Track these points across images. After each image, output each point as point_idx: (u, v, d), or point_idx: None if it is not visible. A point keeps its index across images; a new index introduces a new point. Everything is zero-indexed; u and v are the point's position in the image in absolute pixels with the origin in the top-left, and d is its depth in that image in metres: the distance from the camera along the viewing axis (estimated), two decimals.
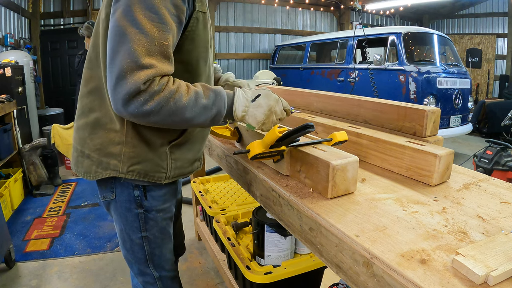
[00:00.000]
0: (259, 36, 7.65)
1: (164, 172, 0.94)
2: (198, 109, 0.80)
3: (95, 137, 0.90)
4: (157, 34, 0.73)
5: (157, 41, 0.73)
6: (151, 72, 0.72)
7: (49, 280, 2.02)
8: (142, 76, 0.71)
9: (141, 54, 0.71)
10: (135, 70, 0.71)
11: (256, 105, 0.87)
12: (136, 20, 0.72)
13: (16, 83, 3.57)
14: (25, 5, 5.07)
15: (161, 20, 0.73)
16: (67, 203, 3.15)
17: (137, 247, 1.01)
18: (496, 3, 8.10)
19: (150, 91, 0.73)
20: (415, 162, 0.93)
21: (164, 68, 0.74)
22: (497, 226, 0.68)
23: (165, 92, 0.75)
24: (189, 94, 0.78)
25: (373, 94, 4.14)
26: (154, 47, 0.73)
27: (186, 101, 0.78)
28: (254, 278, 1.39)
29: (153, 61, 0.73)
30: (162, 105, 0.75)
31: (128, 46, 0.71)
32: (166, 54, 0.75)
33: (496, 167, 2.93)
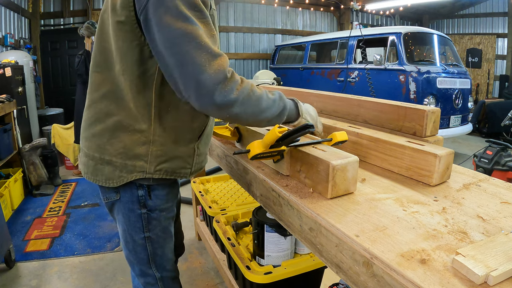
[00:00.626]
0: (259, 36, 7.65)
1: (190, 168, 0.97)
2: (271, 101, 0.86)
3: (116, 141, 0.89)
4: (207, 28, 0.77)
5: (209, 33, 0.77)
6: (225, 59, 0.75)
7: (49, 280, 2.02)
8: (224, 63, 0.75)
9: (210, 45, 0.74)
10: (213, 60, 0.73)
11: (306, 106, 1.03)
12: (190, 18, 0.73)
13: (16, 83, 3.57)
14: (25, 5, 5.07)
15: (203, 15, 0.77)
16: (67, 203, 3.15)
17: (140, 247, 1.01)
18: (496, 3, 8.11)
19: (234, 80, 0.76)
20: (415, 162, 0.93)
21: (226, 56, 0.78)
22: (497, 226, 0.68)
23: (245, 83, 0.79)
24: (260, 88, 0.85)
25: (372, 94, 4.14)
26: (211, 39, 0.76)
27: (261, 93, 0.83)
28: (254, 278, 1.39)
29: (218, 51, 0.76)
30: (245, 94, 0.78)
31: (197, 42, 0.73)
32: (218, 43, 0.81)
33: (496, 167, 2.93)
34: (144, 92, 0.86)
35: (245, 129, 1.16)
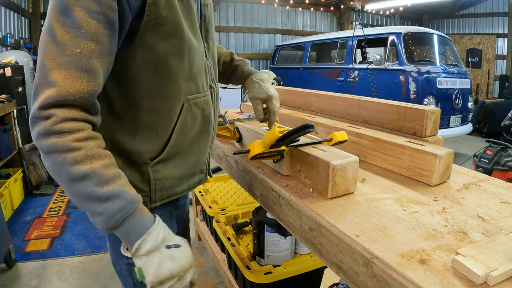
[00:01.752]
0: (259, 36, 7.65)
1: (147, 196, 0.80)
2: (82, 195, 0.61)
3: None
4: (69, 42, 0.59)
5: (69, 50, 0.59)
6: (50, 93, 0.58)
7: (49, 280, 2.02)
8: (43, 97, 0.58)
9: (50, 67, 0.59)
10: (42, 88, 0.59)
11: (169, 255, 0.65)
12: (51, 29, 0.59)
13: (16, 83, 3.57)
14: (25, 5, 5.07)
15: (74, 23, 0.59)
16: (67, 203, 3.15)
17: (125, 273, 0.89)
18: (496, 3, 8.11)
19: (46, 125, 0.58)
20: (415, 162, 0.93)
21: (68, 86, 0.59)
22: (497, 226, 0.68)
23: (61, 142, 0.58)
24: (86, 167, 0.60)
25: (372, 94, 4.14)
26: (65, 58, 0.59)
27: (75, 172, 0.59)
28: (254, 278, 1.39)
29: (59, 78, 0.58)
30: (50, 151, 0.59)
31: (41, 58, 0.60)
32: (82, 65, 0.59)
33: (496, 167, 2.93)
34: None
35: (245, 129, 1.16)
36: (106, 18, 0.61)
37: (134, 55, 0.69)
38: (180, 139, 0.80)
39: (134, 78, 0.71)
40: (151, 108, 0.74)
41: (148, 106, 0.74)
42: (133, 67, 0.70)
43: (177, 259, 0.66)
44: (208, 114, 0.87)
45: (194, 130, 0.84)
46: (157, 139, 0.78)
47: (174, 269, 0.65)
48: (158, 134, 0.77)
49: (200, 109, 0.84)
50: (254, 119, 1.27)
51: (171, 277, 0.65)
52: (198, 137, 0.86)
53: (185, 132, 0.81)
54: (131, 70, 0.71)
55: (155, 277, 0.64)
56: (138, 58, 0.70)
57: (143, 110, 0.74)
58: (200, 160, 0.91)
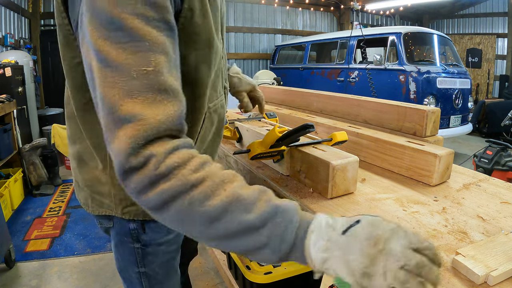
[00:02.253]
0: (259, 36, 7.65)
1: None
2: (235, 229, 0.45)
3: (82, 171, 0.75)
4: (131, 60, 0.46)
5: (135, 69, 0.46)
6: (134, 131, 0.45)
7: (49, 280, 2.02)
8: (125, 139, 0.45)
9: (115, 99, 0.46)
10: (117, 129, 0.46)
11: (349, 239, 0.44)
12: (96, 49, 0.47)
13: (16, 83, 3.57)
14: (25, 5, 5.07)
15: (131, 36, 0.46)
16: (67, 203, 3.15)
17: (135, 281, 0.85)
18: (496, 3, 8.11)
19: (148, 172, 0.45)
20: (415, 162, 0.93)
21: (157, 115, 0.46)
22: (497, 226, 0.68)
23: (175, 181, 0.45)
24: (223, 195, 0.46)
25: (372, 94, 4.14)
26: (134, 82, 0.46)
27: (214, 207, 0.45)
28: (254, 278, 1.39)
29: (136, 108, 0.45)
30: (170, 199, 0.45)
31: (100, 91, 0.47)
32: (158, 85, 0.47)
33: (496, 167, 2.93)
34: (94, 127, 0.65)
35: (245, 129, 1.16)
36: (166, 24, 0.50)
37: None
38: (199, 147, 0.77)
39: None
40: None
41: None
42: None
43: (360, 234, 0.43)
44: (222, 117, 0.84)
45: (210, 135, 0.80)
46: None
47: (365, 249, 0.42)
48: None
49: (217, 114, 0.80)
50: (254, 119, 1.27)
51: (370, 261, 0.41)
52: (213, 141, 0.83)
53: (205, 139, 0.78)
54: None
55: (352, 274, 0.43)
56: None
57: None
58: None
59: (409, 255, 0.40)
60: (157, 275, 0.85)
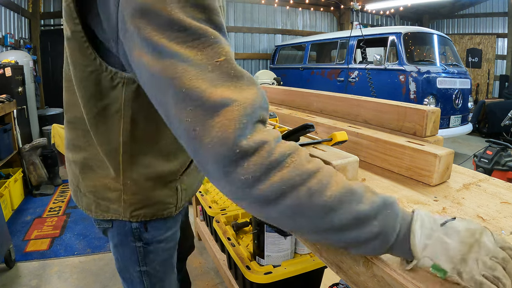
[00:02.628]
0: (259, 36, 7.65)
1: (174, 206, 0.81)
2: (351, 218, 0.45)
3: (87, 178, 0.76)
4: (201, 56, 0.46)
5: (210, 63, 0.45)
6: (235, 110, 0.42)
7: (49, 280, 2.02)
8: (227, 123, 0.42)
9: (202, 89, 0.44)
10: (212, 119, 0.43)
11: (449, 230, 0.48)
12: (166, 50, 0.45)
13: (16, 83, 3.57)
14: (25, 5, 5.07)
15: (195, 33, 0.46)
16: (67, 203, 3.15)
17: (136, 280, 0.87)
18: (496, 3, 8.11)
19: (261, 159, 0.42)
20: (415, 162, 0.93)
21: (245, 97, 0.45)
22: (497, 226, 0.68)
23: (291, 169, 0.43)
24: (338, 187, 0.45)
25: (371, 94, 4.14)
26: (211, 75, 0.45)
27: (331, 198, 0.44)
28: (254, 278, 1.39)
29: (227, 91, 0.44)
30: (286, 187, 0.43)
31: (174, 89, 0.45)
32: (234, 72, 0.46)
33: (496, 167, 2.93)
34: (108, 135, 0.68)
35: None
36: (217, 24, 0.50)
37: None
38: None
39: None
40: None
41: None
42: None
43: (459, 227, 0.48)
44: None
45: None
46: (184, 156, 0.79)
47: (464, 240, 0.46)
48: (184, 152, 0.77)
49: None
50: None
51: (467, 250, 0.46)
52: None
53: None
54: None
55: (451, 261, 0.46)
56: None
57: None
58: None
59: (497, 250, 0.46)
60: (158, 272, 0.87)
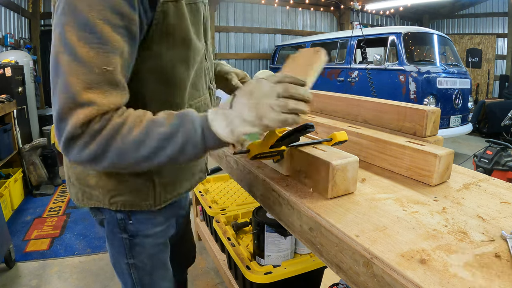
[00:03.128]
0: (259, 36, 7.65)
1: (152, 199, 0.82)
2: (156, 141, 0.60)
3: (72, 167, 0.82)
4: (96, 60, 0.57)
5: (97, 68, 0.57)
6: (89, 112, 0.57)
7: (49, 280, 2.02)
8: (81, 117, 0.57)
9: (78, 88, 0.56)
10: (73, 109, 0.57)
11: (236, 106, 0.61)
12: (69, 44, 0.56)
13: (16, 83, 3.57)
14: (25, 5, 5.07)
15: (100, 40, 0.57)
16: (67, 203, 3.15)
17: (125, 272, 0.90)
18: (496, 3, 8.11)
19: (89, 131, 0.58)
20: (415, 162, 0.93)
21: (108, 103, 0.59)
22: (497, 226, 0.68)
23: (108, 128, 0.58)
24: (142, 125, 0.60)
25: (371, 94, 4.14)
26: (95, 77, 0.57)
27: (137, 134, 0.59)
28: (254, 278, 1.39)
29: (94, 96, 0.57)
30: (105, 144, 0.58)
31: (63, 79, 0.57)
32: (112, 81, 0.59)
33: (496, 167, 2.93)
34: None
35: None
36: (128, 32, 0.60)
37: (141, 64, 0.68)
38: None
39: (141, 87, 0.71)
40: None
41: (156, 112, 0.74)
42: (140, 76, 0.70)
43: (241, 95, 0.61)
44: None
45: None
46: None
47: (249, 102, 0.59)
48: None
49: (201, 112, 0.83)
50: None
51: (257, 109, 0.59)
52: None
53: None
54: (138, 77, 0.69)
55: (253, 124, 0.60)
56: (145, 67, 0.69)
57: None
58: (200, 160, 0.94)
59: (276, 87, 0.58)
60: (146, 266, 0.89)
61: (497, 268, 0.53)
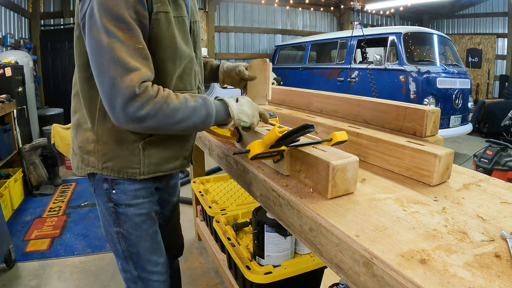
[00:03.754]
0: (259, 36, 7.65)
1: (138, 168, 0.96)
2: (189, 111, 0.86)
3: (78, 136, 0.98)
4: (130, 40, 0.78)
5: (132, 46, 0.78)
6: (139, 74, 0.77)
7: (49, 280, 2.02)
8: (135, 79, 0.76)
9: (125, 58, 0.76)
10: (125, 75, 0.76)
11: (241, 103, 0.98)
12: (109, 31, 0.76)
13: (16, 83, 3.57)
14: (25, 5, 5.07)
15: (129, 27, 0.78)
16: (67, 203, 3.15)
17: (115, 240, 1.02)
18: (496, 3, 8.10)
19: (146, 95, 0.78)
20: (415, 162, 0.93)
21: (147, 70, 0.80)
22: (497, 226, 0.68)
23: (159, 96, 0.81)
24: (179, 98, 0.85)
25: (372, 94, 4.14)
26: (132, 52, 0.78)
27: (178, 103, 0.84)
28: (254, 278, 1.39)
29: (137, 64, 0.78)
30: (157, 108, 0.80)
31: (111, 55, 0.76)
32: (145, 55, 0.81)
33: (496, 167, 2.93)
34: (90, 94, 0.93)
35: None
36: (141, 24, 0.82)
37: None
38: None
39: None
40: None
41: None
42: None
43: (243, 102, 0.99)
44: None
45: None
46: None
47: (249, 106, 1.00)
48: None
49: None
50: None
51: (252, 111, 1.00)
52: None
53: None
54: None
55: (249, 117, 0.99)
56: None
57: None
58: (184, 146, 1.07)
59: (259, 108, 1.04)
60: (131, 235, 1.01)
61: (497, 268, 0.53)
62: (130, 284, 1.07)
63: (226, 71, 1.27)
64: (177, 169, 1.08)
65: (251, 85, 1.27)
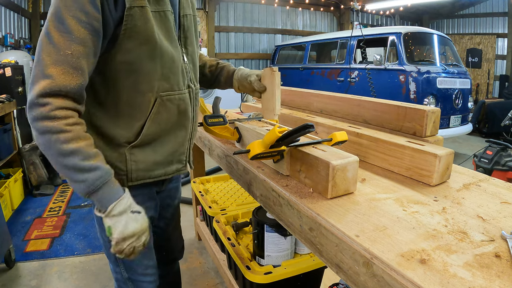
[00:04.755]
0: (259, 36, 7.65)
1: (124, 175, 0.92)
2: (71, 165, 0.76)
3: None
4: (62, 44, 0.74)
5: (62, 50, 0.74)
6: (49, 83, 0.73)
7: (49, 280, 2.02)
8: (40, 88, 0.73)
9: (47, 63, 0.73)
10: (39, 79, 0.73)
11: (134, 217, 0.83)
12: (49, 32, 0.74)
13: (16, 83, 3.57)
14: (25, 5, 5.07)
15: (67, 30, 0.74)
16: (67, 203, 3.15)
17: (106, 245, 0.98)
18: (496, 3, 8.10)
19: (42, 111, 0.73)
20: (415, 162, 0.93)
21: (63, 81, 0.74)
22: (497, 226, 0.68)
23: (58, 123, 0.74)
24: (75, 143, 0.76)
25: (371, 94, 4.14)
26: (60, 57, 0.73)
27: (65, 148, 0.75)
28: (254, 278, 1.39)
29: (54, 72, 0.73)
30: (45, 131, 0.74)
31: (40, 55, 0.74)
32: (73, 64, 0.75)
33: (496, 167, 2.93)
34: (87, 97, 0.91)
35: (245, 129, 1.16)
36: (92, 27, 0.76)
37: (114, 56, 0.83)
38: (154, 128, 0.92)
39: (115, 75, 0.85)
40: (128, 100, 0.87)
41: (126, 99, 0.87)
42: (114, 66, 0.84)
43: (139, 221, 0.83)
44: (184, 110, 0.97)
45: (169, 123, 0.95)
46: (134, 126, 0.90)
47: (136, 229, 0.82)
48: (134, 122, 0.90)
49: (175, 105, 0.94)
50: (254, 119, 1.27)
51: (132, 235, 0.82)
52: (174, 130, 0.98)
53: (160, 123, 0.93)
54: (112, 68, 0.84)
55: (120, 234, 0.80)
56: (118, 59, 0.83)
57: (122, 101, 0.87)
58: (177, 151, 1.01)
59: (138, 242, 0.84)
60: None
61: (497, 268, 0.53)
62: (121, 284, 1.06)
63: (240, 80, 1.21)
64: (172, 174, 1.02)
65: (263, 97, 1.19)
